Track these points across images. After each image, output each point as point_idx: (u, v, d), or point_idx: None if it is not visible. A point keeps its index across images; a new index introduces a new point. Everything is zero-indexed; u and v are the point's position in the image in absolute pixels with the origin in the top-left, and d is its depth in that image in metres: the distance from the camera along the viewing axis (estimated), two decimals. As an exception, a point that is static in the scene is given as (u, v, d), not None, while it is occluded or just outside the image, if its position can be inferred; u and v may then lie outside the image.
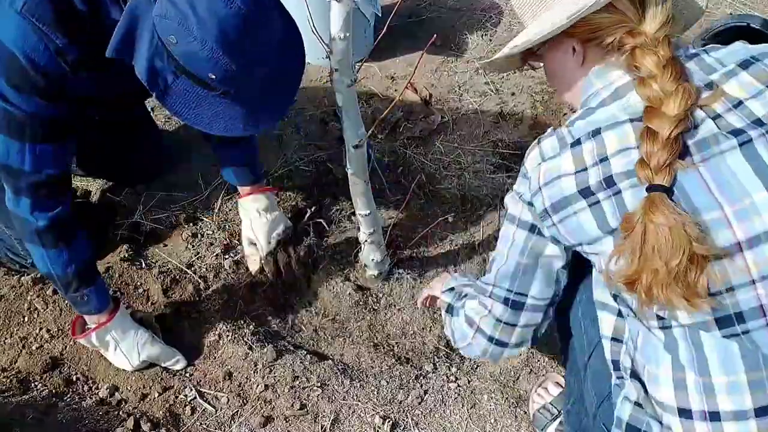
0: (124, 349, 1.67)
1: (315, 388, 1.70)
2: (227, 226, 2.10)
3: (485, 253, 2.09)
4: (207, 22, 1.10)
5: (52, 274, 1.54)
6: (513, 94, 2.72)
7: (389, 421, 1.65)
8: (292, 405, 1.66)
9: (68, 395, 1.65)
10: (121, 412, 1.62)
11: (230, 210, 2.15)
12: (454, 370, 1.81)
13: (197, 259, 1.99)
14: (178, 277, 1.93)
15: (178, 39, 1.13)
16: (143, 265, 1.96)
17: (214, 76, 1.17)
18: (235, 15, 1.12)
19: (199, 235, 2.06)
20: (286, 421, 1.65)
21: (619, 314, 1.17)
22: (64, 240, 1.52)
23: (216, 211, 2.14)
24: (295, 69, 1.39)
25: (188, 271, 1.95)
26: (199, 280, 1.93)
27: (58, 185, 1.49)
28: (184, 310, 1.86)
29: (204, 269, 1.96)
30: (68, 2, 1.26)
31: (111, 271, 1.91)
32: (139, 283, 1.91)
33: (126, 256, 1.96)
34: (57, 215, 1.49)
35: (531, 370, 1.80)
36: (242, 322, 1.86)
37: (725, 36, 2.29)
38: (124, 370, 1.70)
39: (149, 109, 2.28)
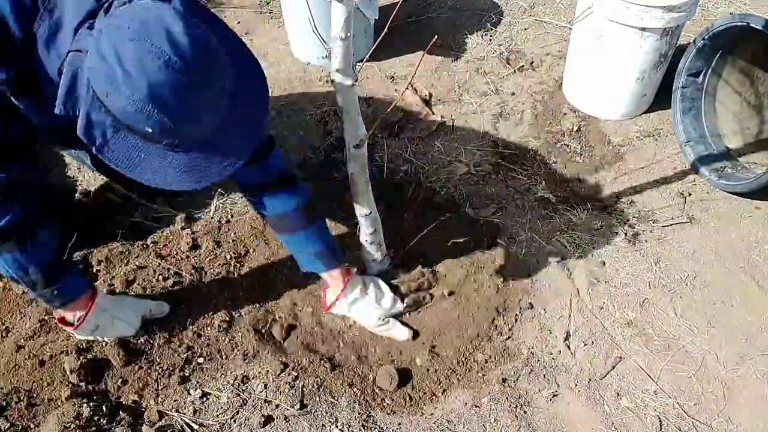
0: (122, 317, 1.72)
1: (315, 387, 1.70)
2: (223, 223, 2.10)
3: (485, 252, 2.09)
4: (134, 76, 1.04)
5: (13, 277, 1.51)
6: (513, 94, 2.72)
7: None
8: (293, 405, 1.67)
9: (70, 394, 1.65)
10: (122, 411, 1.62)
11: (228, 207, 2.16)
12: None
13: (197, 257, 2.00)
14: (178, 277, 1.93)
15: (109, 92, 1.07)
16: (143, 264, 1.96)
17: (150, 130, 1.10)
18: (166, 69, 1.05)
19: (199, 233, 2.07)
20: (286, 421, 1.65)
21: None
22: (19, 246, 1.46)
23: (212, 210, 2.15)
24: (253, 112, 1.29)
25: (183, 272, 1.95)
26: (200, 280, 1.93)
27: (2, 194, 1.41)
28: (184, 309, 1.86)
29: (204, 267, 1.97)
30: (3, 26, 1.20)
31: (111, 271, 1.92)
32: (138, 282, 1.91)
33: (125, 253, 1.96)
34: (7, 224, 1.42)
35: (531, 369, 1.80)
36: (241, 323, 1.86)
37: (725, 36, 2.30)
38: (125, 366, 1.71)
39: None
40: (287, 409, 1.66)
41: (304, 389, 1.70)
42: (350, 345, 1.87)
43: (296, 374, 1.73)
